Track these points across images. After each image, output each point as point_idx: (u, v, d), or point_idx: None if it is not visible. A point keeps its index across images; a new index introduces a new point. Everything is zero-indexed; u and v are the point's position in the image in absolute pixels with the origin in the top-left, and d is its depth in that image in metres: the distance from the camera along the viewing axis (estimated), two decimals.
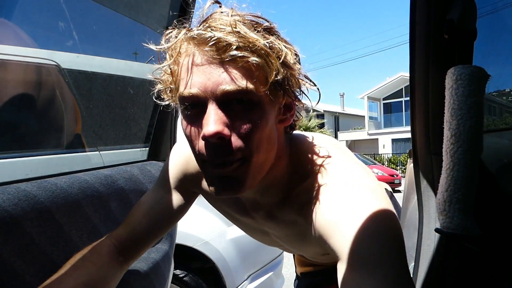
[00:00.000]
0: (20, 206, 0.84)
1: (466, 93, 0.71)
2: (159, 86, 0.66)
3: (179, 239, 1.73)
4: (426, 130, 0.89)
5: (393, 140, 24.83)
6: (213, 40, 0.54)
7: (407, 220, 1.09)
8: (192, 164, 0.82)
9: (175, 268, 1.95)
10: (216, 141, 0.56)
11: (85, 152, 1.38)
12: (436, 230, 0.77)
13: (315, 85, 0.66)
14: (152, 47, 0.63)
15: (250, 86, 0.55)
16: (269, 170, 0.66)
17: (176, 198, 0.85)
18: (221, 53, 0.54)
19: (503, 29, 1.02)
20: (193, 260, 2.07)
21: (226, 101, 0.56)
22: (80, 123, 1.33)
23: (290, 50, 0.60)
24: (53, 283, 0.70)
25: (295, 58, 0.62)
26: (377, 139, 25.37)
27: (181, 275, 1.99)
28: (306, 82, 0.65)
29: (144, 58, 1.55)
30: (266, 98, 0.58)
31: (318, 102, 0.66)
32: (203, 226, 2.10)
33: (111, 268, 0.79)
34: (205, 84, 0.55)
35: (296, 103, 0.66)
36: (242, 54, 0.54)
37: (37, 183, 0.92)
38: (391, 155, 22.83)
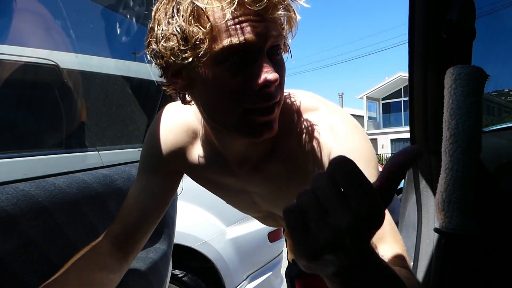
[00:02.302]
0: (19, 206, 0.84)
1: (465, 93, 0.71)
2: (171, 44, 0.59)
3: (178, 239, 1.73)
4: (425, 130, 0.89)
5: (392, 140, 24.85)
6: (262, 1, 0.55)
7: (406, 220, 1.09)
8: (168, 143, 0.81)
9: (174, 268, 1.95)
10: (273, 89, 0.60)
11: (84, 152, 1.38)
12: (435, 230, 0.77)
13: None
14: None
15: (282, 33, 0.61)
16: None
17: (160, 182, 0.84)
18: (268, 11, 0.57)
19: (502, 29, 1.03)
20: (192, 260, 2.06)
21: (271, 48, 0.60)
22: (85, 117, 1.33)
23: None
24: (56, 283, 0.70)
25: None
26: (376, 139, 25.40)
27: (180, 275, 1.99)
28: None
29: (143, 58, 1.54)
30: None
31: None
32: (202, 226, 2.10)
33: (111, 266, 0.79)
34: (255, 32, 0.57)
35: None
36: (285, 13, 0.59)
37: (35, 183, 0.92)
38: (390, 155, 22.83)
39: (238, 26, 0.57)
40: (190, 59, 0.58)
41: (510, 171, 0.93)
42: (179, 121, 0.80)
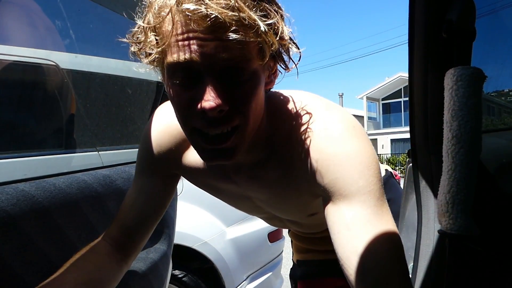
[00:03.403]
0: (19, 206, 0.84)
1: (467, 94, 0.70)
2: (134, 48, 0.62)
3: (178, 240, 1.73)
4: (425, 130, 0.89)
5: (392, 141, 24.84)
6: (209, 20, 0.51)
7: (405, 220, 1.09)
8: (164, 146, 0.79)
9: (174, 269, 1.95)
10: (216, 115, 0.54)
11: (84, 152, 1.37)
12: (440, 231, 0.77)
13: (299, 48, 0.65)
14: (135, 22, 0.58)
15: (248, 55, 0.55)
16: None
17: (156, 184, 0.83)
18: (218, 31, 0.52)
19: (502, 29, 1.02)
20: (192, 260, 2.06)
21: (223, 70, 0.54)
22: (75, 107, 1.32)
23: (282, 18, 0.59)
24: (54, 283, 0.70)
25: (287, 27, 0.61)
26: (376, 139, 25.39)
27: (180, 276, 1.99)
28: (293, 46, 0.64)
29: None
30: (260, 67, 0.59)
31: (299, 61, 0.66)
32: (202, 227, 2.09)
33: (110, 267, 0.79)
34: (201, 51, 0.53)
35: (283, 67, 0.65)
36: (240, 36, 0.52)
37: (35, 183, 0.92)
38: (390, 155, 22.84)
39: (185, 43, 0.53)
40: (150, 65, 0.61)
41: (510, 171, 0.93)
42: (174, 122, 0.75)
